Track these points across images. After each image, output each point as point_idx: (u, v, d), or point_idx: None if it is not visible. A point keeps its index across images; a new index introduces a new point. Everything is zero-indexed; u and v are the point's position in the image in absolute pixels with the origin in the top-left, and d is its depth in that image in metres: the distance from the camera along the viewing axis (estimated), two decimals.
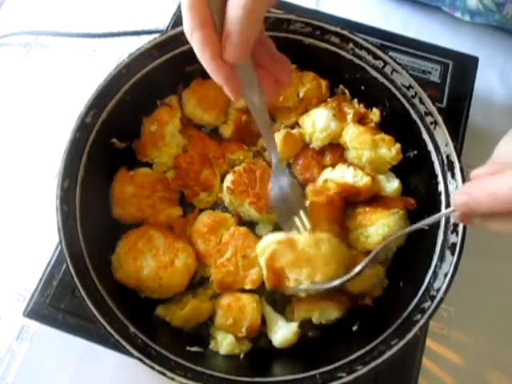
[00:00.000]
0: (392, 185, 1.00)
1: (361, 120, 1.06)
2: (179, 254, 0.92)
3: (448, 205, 0.89)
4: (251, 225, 1.00)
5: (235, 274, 0.92)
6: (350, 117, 1.03)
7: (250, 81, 0.71)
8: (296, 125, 1.08)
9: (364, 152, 1.00)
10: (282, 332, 0.91)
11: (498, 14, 1.25)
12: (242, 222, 1.00)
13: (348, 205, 0.99)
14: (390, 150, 0.98)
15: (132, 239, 0.93)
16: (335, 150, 1.05)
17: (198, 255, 0.95)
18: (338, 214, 0.96)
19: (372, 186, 0.96)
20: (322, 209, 0.93)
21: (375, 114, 1.04)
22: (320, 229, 0.90)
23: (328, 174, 1.00)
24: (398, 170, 1.02)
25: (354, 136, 1.00)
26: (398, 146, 0.98)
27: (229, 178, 1.00)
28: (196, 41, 0.64)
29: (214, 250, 0.94)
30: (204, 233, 0.95)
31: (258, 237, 0.96)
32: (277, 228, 0.96)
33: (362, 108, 1.06)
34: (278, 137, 1.03)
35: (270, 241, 0.87)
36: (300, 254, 0.86)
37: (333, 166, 1.02)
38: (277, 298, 0.96)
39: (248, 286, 0.92)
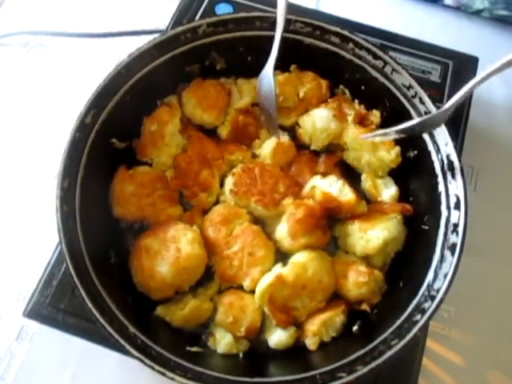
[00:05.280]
0: (390, 191, 1.00)
1: (361, 121, 1.05)
2: (179, 239, 0.92)
3: (448, 205, 0.89)
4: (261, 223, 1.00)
5: (238, 268, 0.92)
6: (350, 118, 1.03)
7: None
8: (296, 125, 1.08)
9: (363, 153, 1.00)
10: (279, 334, 0.91)
11: None
12: (255, 221, 1.00)
13: None
14: (389, 153, 0.98)
15: (137, 260, 0.92)
16: (331, 157, 1.04)
17: (205, 243, 0.95)
18: (320, 221, 0.94)
19: (354, 204, 0.94)
20: (301, 222, 0.91)
21: (375, 116, 1.04)
22: (300, 243, 0.92)
23: (316, 181, 0.99)
24: (397, 170, 1.02)
25: (353, 137, 1.00)
26: (397, 148, 0.98)
27: (229, 181, 1.00)
28: None
29: (222, 240, 0.94)
30: (216, 222, 0.96)
31: (268, 235, 0.96)
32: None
33: (362, 109, 1.06)
34: (268, 147, 1.03)
35: (263, 287, 0.88)
36: (293, 285, 0.88)
37: (324, 174, 1.01)
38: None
39: (247, 284, 0.92)
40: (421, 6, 1.41)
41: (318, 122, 1.03)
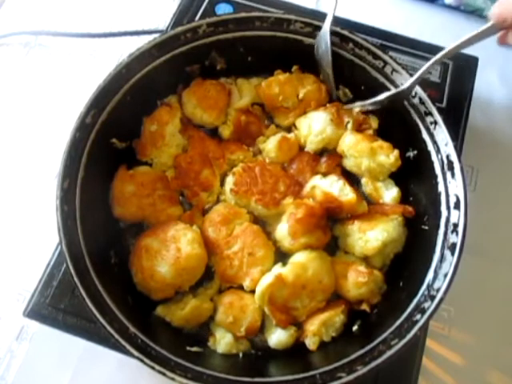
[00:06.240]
0: (391, 193, 1.00)
1: (359, 126, 1.04)
2: (179, 239, 0.92)
3: (448, 205, 0.89)
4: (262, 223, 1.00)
5: (238, 268, 0.92)
6: (349, 125, 1.02)
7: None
8: (293, 126, 1.08)
9: (362, 160, 0.99)
10: (279, 334, 0.91)
11: None
12: (256, 221, 1.00)
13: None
14: (388, 157, 0.98)
15: (137, 260, 0.92)
16: (333, 158, 1.04)
17: (205, 243, 0.95)
18: (321, 221, 0.94)
19: (355, 204, 0.94)
20: (302, 222, 0.91)
21: (374, 121, 1.03)
22: (300, 243, 0.91)
23: (317, 180, 0.99)
24: (397, 171, 1.01)
25: (351, 145, 0.99)
26: (396, 152, 0.98)
27: (229, 180, 1.00)
28: None
29: (223, 240, 0.94)
30: (216, 222, 0.96)
31: (268, 235, 0.96)
32: None
33: (360, 116, 1.04)
34: (273, 141, 1.03)
35: (263, 287, 0.88)
36: (293, 285, 0.88)
37: (325, 174, 1.01)
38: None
39: (247, 284, 0.92)
40: (421, 6, 1.41)
41: (314, 124, 1.02)
